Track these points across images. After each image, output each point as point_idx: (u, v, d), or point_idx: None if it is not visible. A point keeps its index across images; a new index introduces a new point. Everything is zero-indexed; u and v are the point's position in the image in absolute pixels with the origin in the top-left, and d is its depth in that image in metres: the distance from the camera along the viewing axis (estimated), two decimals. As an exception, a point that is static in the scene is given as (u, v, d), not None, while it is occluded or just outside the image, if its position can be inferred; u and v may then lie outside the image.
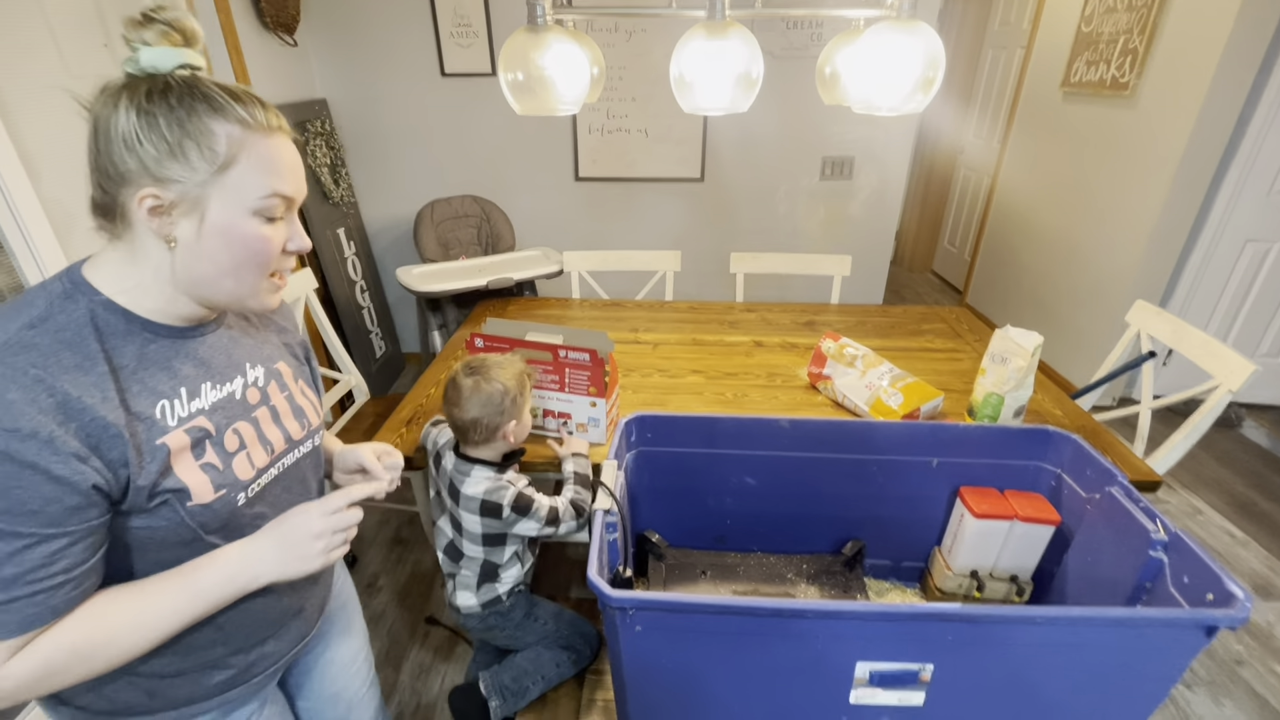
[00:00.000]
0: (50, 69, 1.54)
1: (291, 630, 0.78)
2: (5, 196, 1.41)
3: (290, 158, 0.63)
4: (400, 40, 2.67)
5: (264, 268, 0.64)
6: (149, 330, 0.62)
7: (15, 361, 0.53)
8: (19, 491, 0.51)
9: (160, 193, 0.57)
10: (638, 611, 0.82)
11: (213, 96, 0.58)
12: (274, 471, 0.71)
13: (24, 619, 0.53)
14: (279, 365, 0.77)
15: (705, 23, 1.09)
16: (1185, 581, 0.88)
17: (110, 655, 0.58)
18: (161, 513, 0.60)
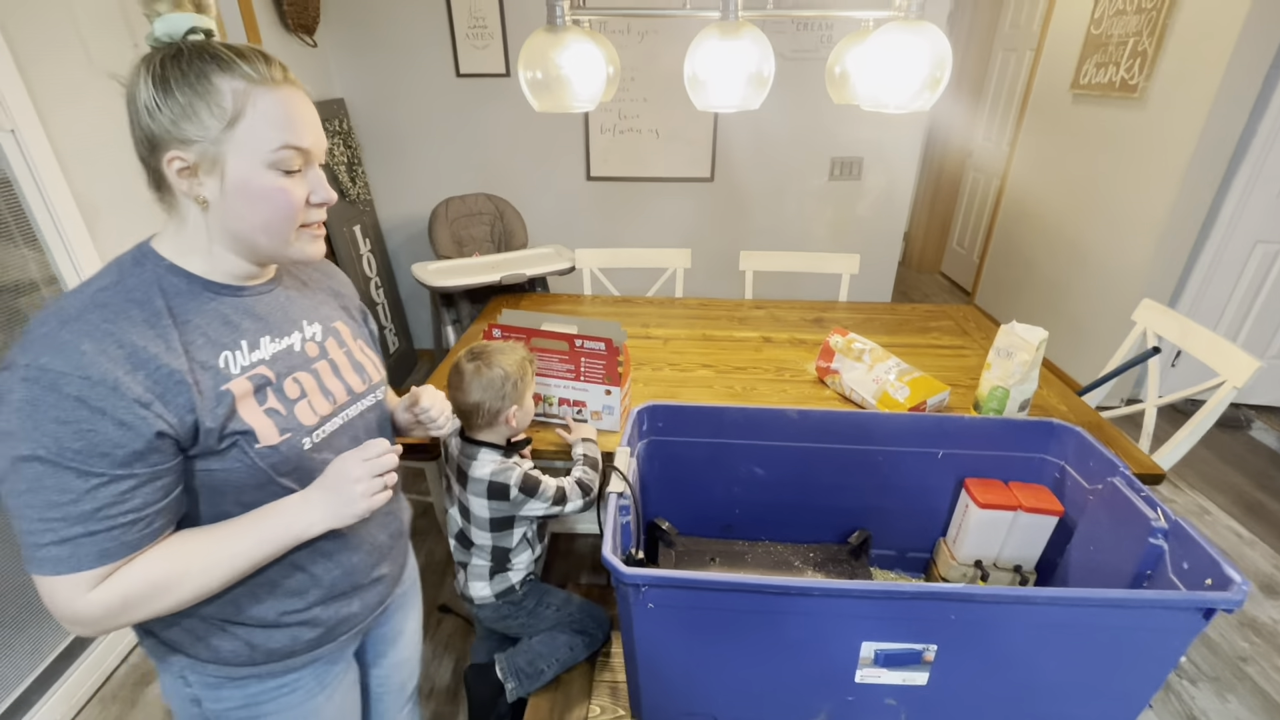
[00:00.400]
0: (78, 68, 1.60)
1: (370, 595, 0.84)
2: (40, 191, 1.46)
3: (300, 110, 0.64)
4: (416, 41, 2.72)
5: (290, 220, 0.66)
6: (209, 290, 0.67)
7: (89, 317, 0.58)
8: (92, 434, 0.56)
9: (183, 154, 0.61)
10: (650, 589, 0.84)
11: (219, 55, 0.61)
12: (338, 421, 0.75)
13: (100, 552, 0.58)
14: (336, 324, 0.81)
15: (719, 23, 1.12)
16: (1185, 568, 0.90)
17: (183, 591, 0.63)
18: (233, 455, 0.64)
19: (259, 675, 0.75)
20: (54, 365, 0.55)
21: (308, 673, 0.79)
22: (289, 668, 0.77)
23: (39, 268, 1.51)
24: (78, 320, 0.58)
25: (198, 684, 0.74)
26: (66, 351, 0.56)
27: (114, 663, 1.66)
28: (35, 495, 0.56)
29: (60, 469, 0.55)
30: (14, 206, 1.44)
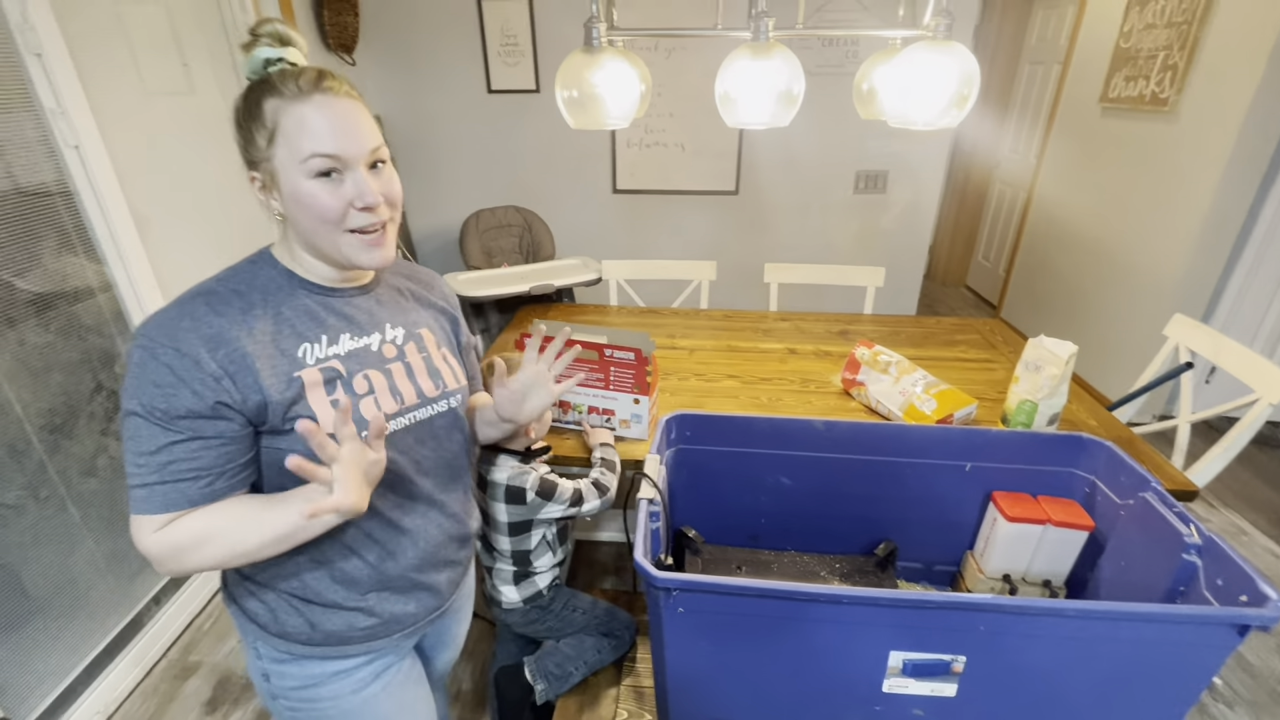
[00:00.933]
0: (133, 90, 1.69)
1: (426, 598, 0.87)
2: (99, 203, 1.54)
3: (330, 117, 0.67)
4: (450, 59, 2.80)
5: (334, 224, 0.69)
6: (304, 288, 0.75)
7: (195, 301, 0.68)
8: (174, 398, 0.64)
9: (257, 174, 0.70)
10: (680, 593, 0.86)
11: (270, 81, 0.67)
12: (404, 421, 0.79)
13: (165, 501, 0.66)
14: (421, 330, 0.85)
15: (750, 43, 1.15)
16: (1219, 584, 0.90)
17: (223, 546, 0.67)
18: (294, 437, 0.70)
19: (317, 656, 0.79)
20: (158, 336, 0.65)
21: (362, 661, 0.83)
22: (344, 653, 0.80)
23: (95, 275, 1.58)
24: (189, 303, 0.68)
25: (267, 658, 0.80)
26: (169, 327, 0.66)
27: (155, 657, 1.72)
28: (133, 443, 0.65)
29: (149, 423, 0.64)
30: (75, 218, 1.52)
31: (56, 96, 1.42)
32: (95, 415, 1.59)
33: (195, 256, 1.86)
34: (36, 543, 1.44)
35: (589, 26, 1.17)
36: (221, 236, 1.95)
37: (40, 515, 1.45)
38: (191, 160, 1.88)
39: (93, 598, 1.58)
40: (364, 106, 0.72)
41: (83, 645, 1.56)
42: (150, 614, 1.75)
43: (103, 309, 1.60)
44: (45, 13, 1.39)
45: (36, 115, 1.42)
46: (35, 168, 1.42)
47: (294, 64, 0.70)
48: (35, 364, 1.43)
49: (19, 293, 1.39)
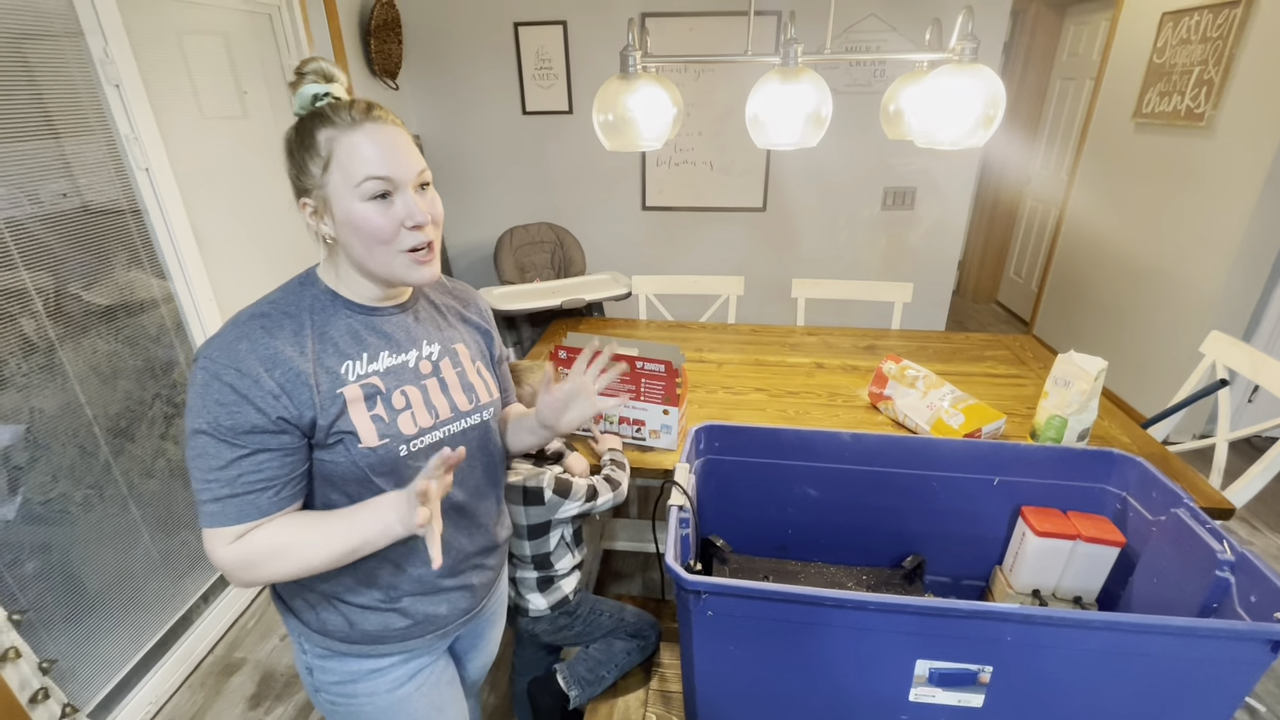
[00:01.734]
0: (194, 118, 1.81)
1: (458, 600, 0.90)
2: (165, 222, 1.65)
3: (380, 143, 0.71)
4: (487, 83, 2.91)
5: (387, 244, 0.73)
6: (348, 308, 0.79)
7: (251, 323, 0.73)
8: (238, 415, 0.69)
9: (309, 200, 0.74)
10: (710, 596, 0.89)
11: (323, 113, 0.72)
12: (438, 434, 0.83)
13: (239, 512, 0.70)
14: (457, 346, 0.88)
15: (780, 68, 1.20)
16: (1252, 601, 0.89)
17: (291, 559, 0.72)
18: (338, 450, 0.74)
19: (355, 654, 0.84)
20: (220, 358, 0.69)
21: (398, 660, 0.87)
22: (379, 651, 0.85)
23: (159, 288, 1.69)
24: (244, 325, 0.72)
25: (310, 653, 0.85)
26: (229, 349, 0.70)
27: (202, 653, 1.80)
28: (201, 460, 0.69)
29: (217, 440, 0.68)
30: (143, 234, 1.63)
31: (131, 123, 1.54)
32: (155, 420, 1.69)
33: (247, 270, 1.96)
34: (100, 539, 1.53)
35: (625, 54, 1.23)
36: (270, 252, 2.06)
37: (105, 513, 1.54)
38: (244, 180, 1.99)
39: (147, 593, 1.67)
40: (408, 134, 0.76)
41: (138, 639, 1.64)
42: (199, 611, 1.83)
43: (165, 320, 1.71)
44: (124, 47, 1.51)
45: (112, 140, 1.53)
46: (109, 188, 1.54)
47: (339, 98, 0.74)
48: (104, 370, 1.53)
49: (91, 303, 1.50)
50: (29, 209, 1.35)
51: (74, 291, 1.45)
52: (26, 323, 1.35)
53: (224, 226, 1.89)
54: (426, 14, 2.84)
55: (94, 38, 1.45)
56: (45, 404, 1.39)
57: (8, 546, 1.32)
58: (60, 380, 1.42)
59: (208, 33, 1.86)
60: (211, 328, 1.80)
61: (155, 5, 1.67)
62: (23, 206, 1.34)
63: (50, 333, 1.40)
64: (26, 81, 1.35)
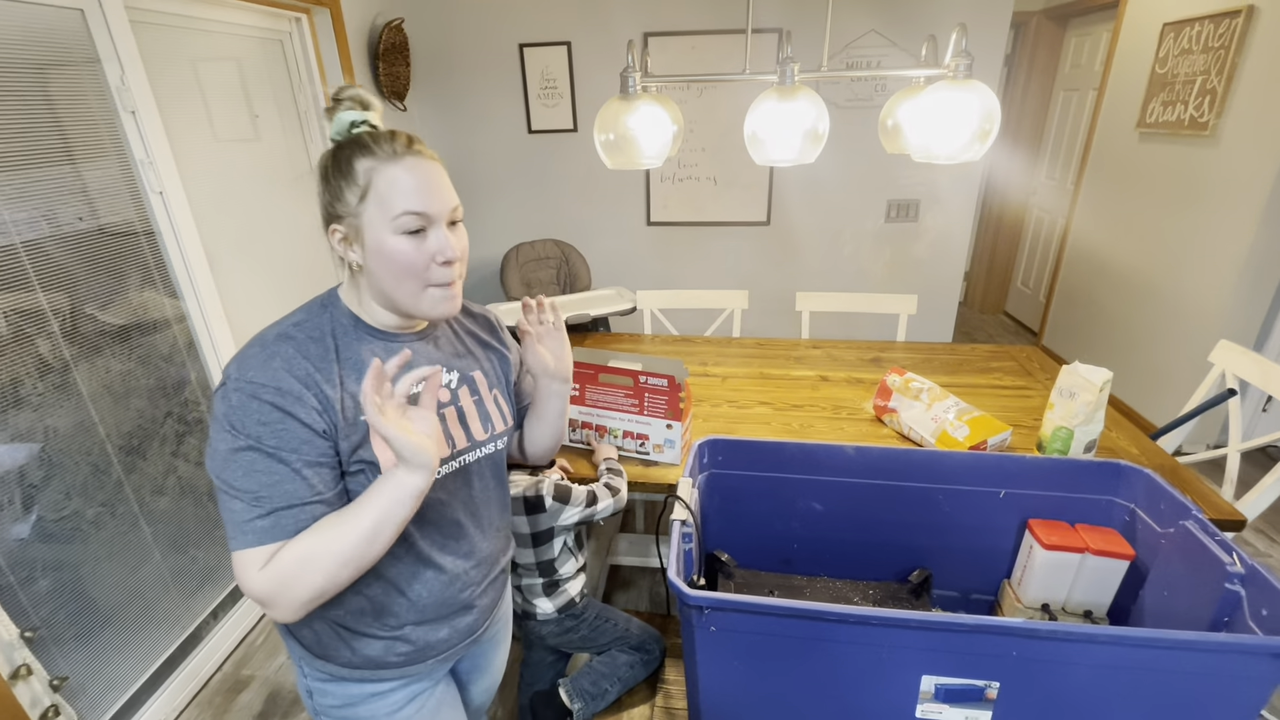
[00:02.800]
0: (207, 141, 1.85)
1: (461, 623, 0.90)
2: (178, 243, 1.69)
3: (420, 178, 0.72)
4: (493, 103, 2.96)
5: (418, 278, 0.73)
6: (370, 333, 0.78)
7: (280, 346, 0.72)
8: (284, 432, 0.68)
9: (340, 227, 0.74)
10: (712, 611, 0.89)
11: (362, 141, 0.72)
12: (454, 464, 0.83)
13: (298, 523, 0.68)
14: (474, 373, 0.89)
15: (777, 86, 1.22)
16: (1264, 614, 0.88)
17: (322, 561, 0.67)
18: (359, 480, 0.74)
19: (356, 679, 0.84)
20: (256, 379, 0.68)
21: (398, 684, 0.87)
22: (381, 676, 0.85)
23: (172, 308, 1.72)
24: (274, 346, 0.72)
25: (311, 676, 0.85)
26: (264, 368, 0.69)
27: (211, 670, 1.80)
28: (250, 478, 0.67)
29: (266, 455, 0.67)
30: (156, 256, 1.66)
31: (146, 148, 1.58)
32: (167, 438, 1.71)
33: (258, 289, 2.00)
34: (111, 556, 1.55)
35: (625, 75, 1.26)
36: (280, 271, 2.10)
37: (116, 530, 1.56)
38: (256, 202, 2.03)
39: (158, 611, 1.68)
40: (444, 169, 0.77)
41: (148, 656, 1.65)
42: (208, 628, 1.84)
43: (176, 339, 1.74)
44: (140, 74, 1.55)
45: (127, 164, 1.57)
46: (123, 211, 1.57)
47: (375, 126, 0.75)
48: (117, 389, 1.56)
49: (105, 323, 1.53)
50: (46, 231, 1.39)
51: (89, 312, 1.49)
52: (42, 343, 1.38)
53: (236, 247, 1.93)
54: (434, 37, 2.90)
55: (111, 65, 1.49)
56: (59, 422, 1.41)
57: (21, 564, 1.34)
58: (74, 399, 1.45)
59: (221, 58, 1.91)
60: (223, 346, 1.83)
61: (170, 32, 1.72)
62: (40, 229, 1.37)
63: (65, 352, 1.43)
64: (46, 109, 1.39)
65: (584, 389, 1.40)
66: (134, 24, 1.55)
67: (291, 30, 2.20)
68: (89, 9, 1.44)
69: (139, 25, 1.58)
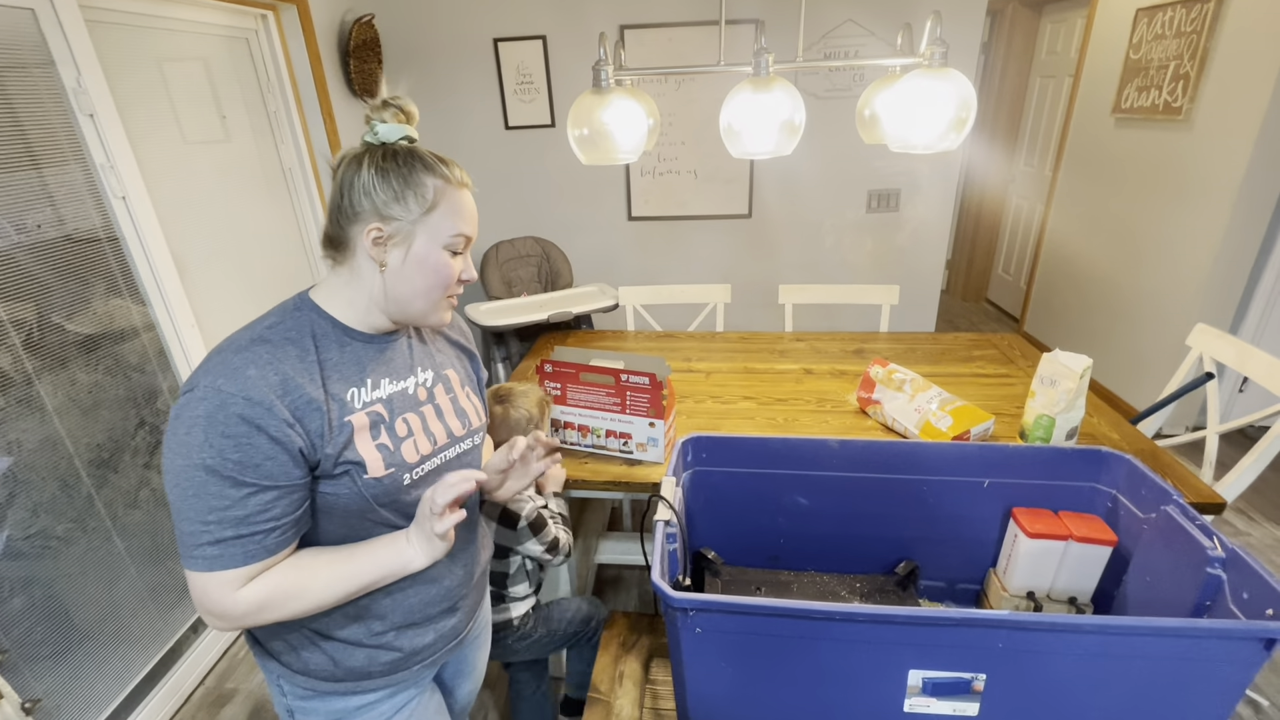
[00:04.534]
0: (175, 144, 1.80)
1: (445, 627, 0.89)
2: (144, 249, 1.64)
3: (473, 208, 0.80)
4: (468, 99, 2.92)
5: (444, 290, 0.79)
6: (348, 335, 0.78)
7: (256, 350, 0.70)
8: (249, 448, 0.65)
9: (383, 227, 0.74)
10: (697, 613, 0.88)
11: (426, 158, 0.76)
12: (436, 461, 0.83)
13: (247, 554, 0.67)
14: (447, 371, 0.90)
15: (751, 78, 1.20)
16: (1245, 598, 0.89)
17: (308, 598, 0.71)
18: (343, 481, 0.73)
19: (340, 691, 0.82)
20: (225, 387, 0.66)
21: (384, 694, 0.85)
22: (366, 687, 0.83)
23: (139, 316, 1.67)
24: (248, 350, 0.69)
25: (291, 694, 0.83)
26: (236, 375, 0.66)
27: (193, 684, 1.77)
28: (199, 500, 0.65)
29: (221, 477, 0.64)
30: (121, 262, 1.62)
31: (107, 152, 1.53)
32: (139, 449, 1.66)
33: (230, 294, 1.95)
34: (84, 573, 1.51)
35: (597, 69, 1.23)
36: (253, 275, 2.05)
37: (88, 546, 1.52)
38: (226, 205, 1.98)
39: (135, 627, 1.64)
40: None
41: (126, 673, 1.61)
42: (188, 642, 1.80)
43: (146, 348, 1.69)
44: (98, 76, 1.50)
45: (88, 169, 1.52)
46: (86, 217, 1.52)
47: (414, 139, 0.79)
48: (85, 401, 1.51)
49: (70, 333, 1.48)
50: (5, 239, 1.34)
51: (55, 321, 1.44)
52: (2, 355, 1.33)
53: (206, 251, 1.88)
54: (406, 33, 2.84)
55: (66, 67, 1.44)
56: (24, 437, 1.37)
57: (-13, 585, 1.30)
58: (39, 413, 1.40)
59: (185, 58, 1.86)
60: (194, 353, 1.78)
61: (130, 32, 1.67)
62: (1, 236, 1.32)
63: (28, 365, 1.38)
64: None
65: (565, 389, 1.38)
66: (90, 24, 1.49)
67: (258, 28, 2.14)
68: (40, 9, 1.39)
69: (95, 25, 1.53)
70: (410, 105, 0.80)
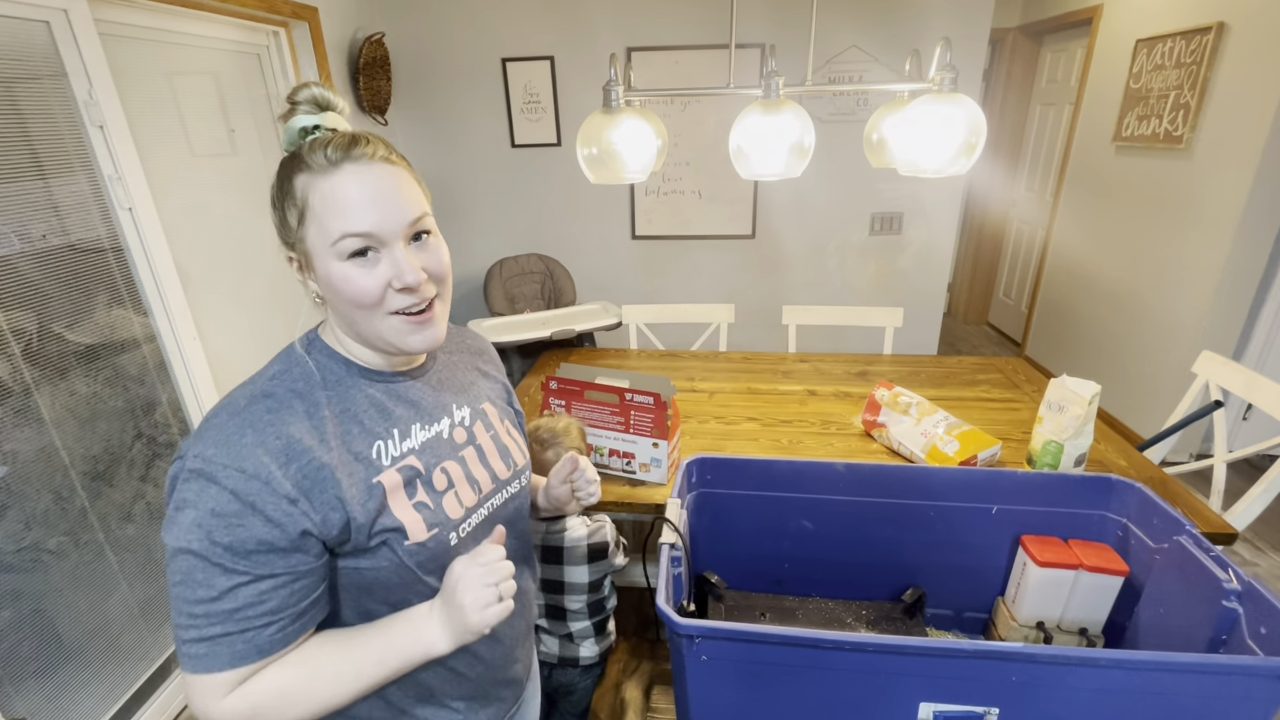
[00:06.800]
0: (182, 156, 1.81)
1: (506, 696, 0.82)
2: (148, 260, 1.64)
3: (363, 190, 0.58)
4: (476, 117, 2.94)
5: (372, 308, 0.61)
6: (365, 376, 0.66)
7: (255, 409, 0.59)
8: (240, 529, 0.54)
9: (291, 254, 0.63)
10: (703, 640, 0.86)
11: (302, 153, 0.59)
12: (483, 512, 0.72)
13: (234, 654, 0.56)
14: (484, 406, 0.78)
15: (762, 100, 1.21)
16: (1262, 632, 0.87)
17: (311, 702, 0.59)
18: (382, 553, 0.62)
19: None
20: (217, 457, 0.55)
21: None
22: None
23: (141, 327, 1.67)
24: (245, 411, 0.58)
25: None
26: (229, 443, 0.56)
27: (181, 703, 1.72)
28: (185, 589, 0.55)
29: (208, 564, 0.54)
30: (125, 273, 1.61)
31: (115, 164, 1.53)
32: (135, 462, 1.64)
33: (233, 308, 1.94)
34: (74, 588, 1.48)
35: (607, 89, 1.24)
36: (257, 289, 2.05)
37: (80, 560, 1.49)
38: (232, 217, 1.99)
39: (124, 644, 1.61)
40: (405, 170, 0.63)
41: (112, 692, 1.58)
42: (178, 660, 1.76)
43: (146, 359, 1.68)
44: (109, 89, 1.51)
45: (95, 180, 1.52)
46: (91, 227, 1.52)
47: (333, 130, 0.62)
48: (82, 412, 1.50)
49: (70, 343, 1.47)
50: (10, 248, 1.33)
51: (56, 331, 1.43)
52: (1, 365, 1.32)
53: (210, 264, 1.88)
54: (415, 52, 2.88)
55: (78, 79, 1.45)
56: (19, 448, 1.35)
57: (-24, 599, 1.27)
58: (36, 424, 1.39)
59: (196, 73, 1.87)
60: (195, 366, 1.77)
61: (143, 46, 1.68)
62: (4, 245, 1.32)
63: (26, 375, 1.37)
64: (9, 123, 1.34)
65: (569, 406, 1.36)
66: (104, 37, 1.51)
67: (269, 44, 2.17)
68: (55, 21, 1.40)
69: (109, 39, 1.54)
70: (326, 94, 0.63)
